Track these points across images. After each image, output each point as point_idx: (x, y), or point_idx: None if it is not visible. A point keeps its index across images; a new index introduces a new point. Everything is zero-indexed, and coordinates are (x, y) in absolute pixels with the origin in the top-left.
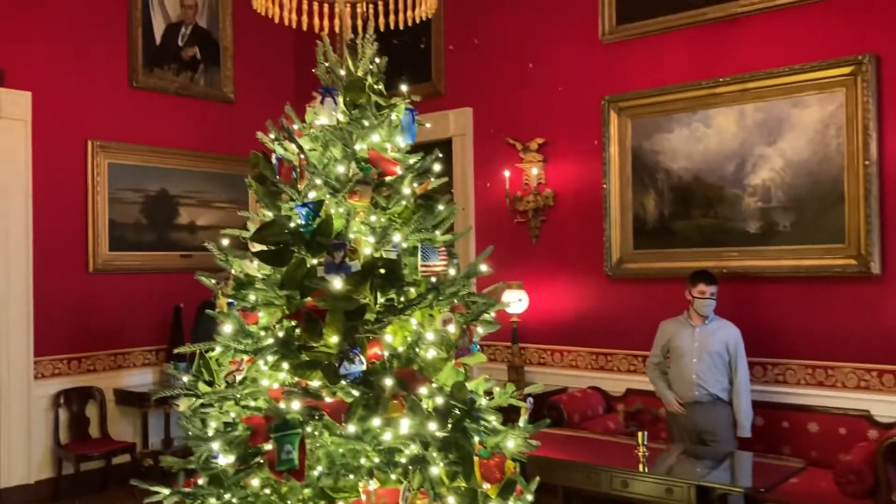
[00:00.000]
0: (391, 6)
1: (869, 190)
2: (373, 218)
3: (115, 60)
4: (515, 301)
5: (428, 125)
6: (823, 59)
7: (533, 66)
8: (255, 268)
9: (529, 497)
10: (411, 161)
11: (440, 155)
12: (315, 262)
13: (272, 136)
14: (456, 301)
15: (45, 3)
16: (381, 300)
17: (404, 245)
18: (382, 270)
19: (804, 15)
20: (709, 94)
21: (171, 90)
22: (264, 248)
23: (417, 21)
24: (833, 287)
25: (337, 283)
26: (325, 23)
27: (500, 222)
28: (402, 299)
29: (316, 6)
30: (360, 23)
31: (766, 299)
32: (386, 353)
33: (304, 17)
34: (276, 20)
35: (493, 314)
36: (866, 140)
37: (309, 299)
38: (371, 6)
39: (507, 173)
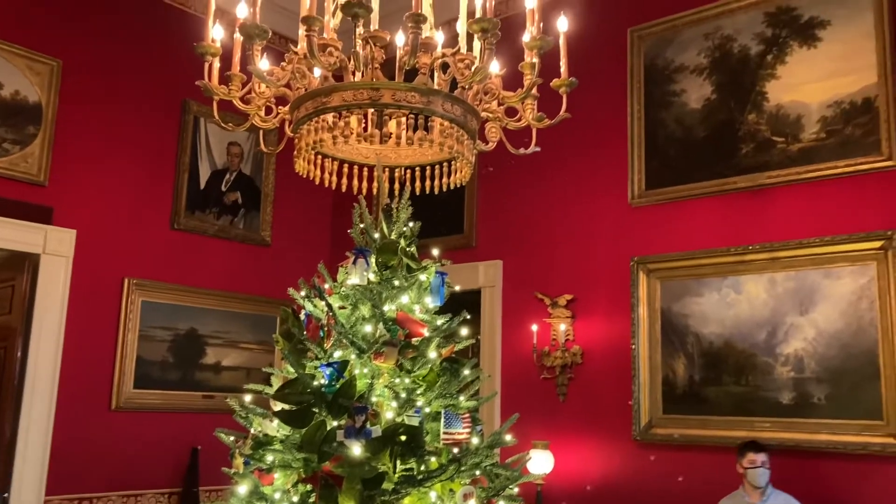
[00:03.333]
0: (427, 172)
1: None
2: (397, 381)
3: (160, 202)
4: (541, 462)
5: (457, 287)
6: (853, 233)
7: (561, 223)
8: (274, 427)
9: None
10: (439, 322)
11: (468, 317)
12: (336, 424)
13: (303, 292)
14: (478, 473)
15: (98, 148)
16: (400, 468)
17: (427, 410)
18: (403, 437)
19: (832, 188)
20: (738, 261)
21: (211, 232)
22: (285, 406)
23: (452, 187)
24: (873, 466)
25: (356, 449)
26: (364, 184)
27: (527, 377)
28: (422, 469)
29: (356, 169)
30: (396, 186)
31: (803, 475)
32: None
33: (344, 180)
34: (317, 182)
35: (516, 488)
36: None
37: (327, 464)
38: (408, 171)
39: (534, 327)
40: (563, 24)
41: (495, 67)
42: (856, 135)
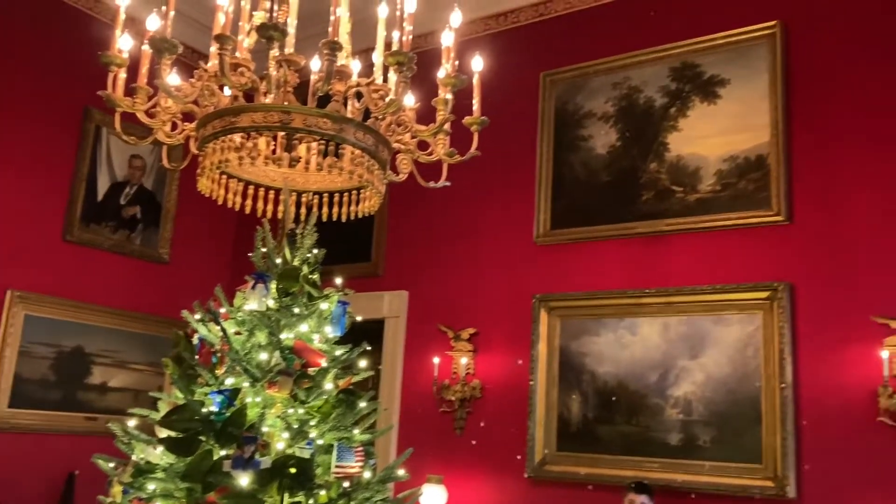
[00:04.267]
0: (336, 198)
1: (785, 413)
2: (290, 411)
3: (53, 213)
4: (435, 497)
5: (359, 318)
6: (743, 283)
7: (467, 257)
8: (158, 455)
9: None
10: (338, 353)
11: (368, 348)
12: (223, 454)
13: (197, 315)
14: None
15: None
16: (288, 501)
17: (320, 442)
18: (293, 470)
19: (725, 239)
20: (635, 304)
21: (106, 246)
22: (171, 433)
23: (360, 216)
24: None
25: (243, 480)
26: (269, 207)
27: (426, 410)
28: (310, 502)
29: (262, 191)
30: (303, 211)
31: None
32: None
33: (249, 202)
34: (221, 202)
35: None
36: (782, 363)
37: (211, 494)
38: (316, 197)
39: (436, 360)
40: (477, 63)
41: (410, 100)
42: (748, 189)
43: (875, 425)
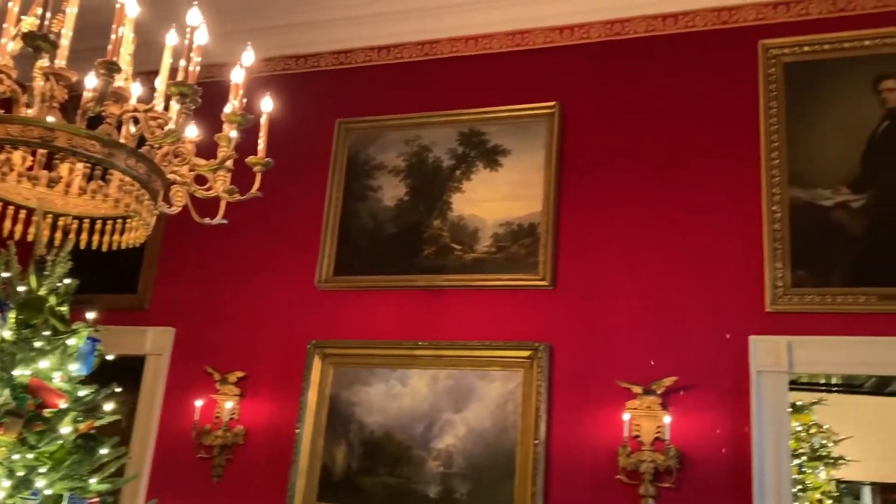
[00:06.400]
0: (98, 226)
1: (536, 468)
2: (16, 457)
3: None
4: None
5: (110, 357)
6: (508, 340)
7: (243, 297)
8: None
9: None
10: (81, 394)
11: (117, 390)
12: None
13: None
14: None
15: None
16: None
17: (48, 492)
18: None
19: (496, 298)
20: (408, 355)
21: None
22: None
23: (123, 247)
24: None
25: None
26: (19, 227)
27: (183, 456)
28: None
29: (11, 210)
30: (59, 236)
31: None
32: None
33: None
34: None
35: None
36: (537, 420)
37: None
38: (76, 221)
39: (198, 403)
40: (267, 104)
41: (192, 132)
42: (520, 253)
43: (614, 483)
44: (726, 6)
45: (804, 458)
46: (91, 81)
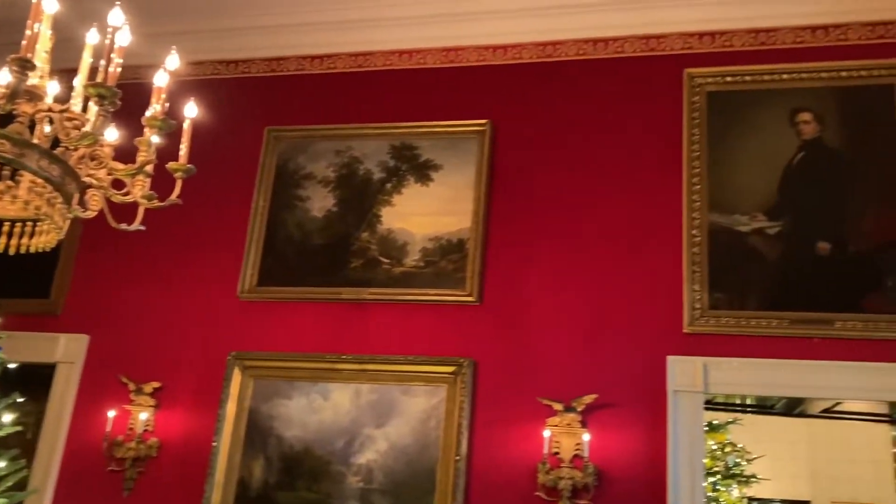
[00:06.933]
0: (6, 228)
1: (457, 484)
2: None
3: None
4: None
5: (12, 365)
6: (433, 356)
7: (163, 306)
8: None
9: None
10: None
11: (19, 399)
12: None
13: None
14: None
15: None
16: None
17: None
18: None
19: (422, 312)
20: (330, 368)
21: None
22: None
23: (33, 251)
24: None
25: None
26: None
27: (93, 469)
28: None
29: None
30: None
31: None
32: None
33: None
34: None
35: None
36: (459, 436)
37: None
38: None
39: (111, 413)
40: (191, 109)
41: (112, 135)
42: (448, 269)
43: (533, 499)
44: (654, 34)
45: (718, 476)
46: (3, 78)
